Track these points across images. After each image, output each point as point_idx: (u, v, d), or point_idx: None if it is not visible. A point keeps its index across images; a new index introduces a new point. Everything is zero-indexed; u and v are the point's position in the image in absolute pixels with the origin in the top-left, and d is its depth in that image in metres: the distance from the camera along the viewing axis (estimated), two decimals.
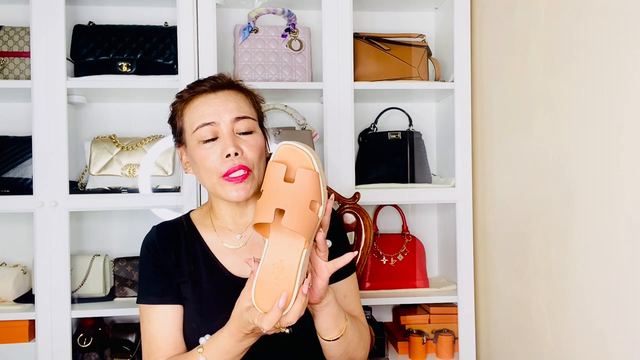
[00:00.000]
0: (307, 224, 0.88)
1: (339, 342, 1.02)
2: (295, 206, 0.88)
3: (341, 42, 1.64)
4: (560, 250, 1.25)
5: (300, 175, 0.89)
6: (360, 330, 1.09)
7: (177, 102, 1.12)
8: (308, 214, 0.88)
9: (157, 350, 1.06)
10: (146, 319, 1.08)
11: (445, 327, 1.78)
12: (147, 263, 1.11)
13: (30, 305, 1.60)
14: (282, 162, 0.91)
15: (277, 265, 0.89)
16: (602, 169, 1.10)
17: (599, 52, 1.11)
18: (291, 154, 0.91)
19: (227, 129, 1.04)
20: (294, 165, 0.90)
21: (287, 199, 0.88)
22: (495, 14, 1.57)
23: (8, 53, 1.61)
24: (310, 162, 0.91)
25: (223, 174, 1.03)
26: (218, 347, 0.96)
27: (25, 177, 1.62)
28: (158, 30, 1.69)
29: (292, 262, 0.89)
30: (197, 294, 1.07)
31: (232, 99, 1.07)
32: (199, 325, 1.05)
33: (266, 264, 0.90)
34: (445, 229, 1.91)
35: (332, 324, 1.00)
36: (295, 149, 0.91)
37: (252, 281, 0.89)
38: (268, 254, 0.90)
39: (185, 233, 1.13)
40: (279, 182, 0.89)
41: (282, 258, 0.90)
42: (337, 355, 1.05)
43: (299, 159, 0.91)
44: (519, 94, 1.43)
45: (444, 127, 1.88)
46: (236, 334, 0.93)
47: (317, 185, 0.90)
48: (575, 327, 1.20)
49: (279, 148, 0.92)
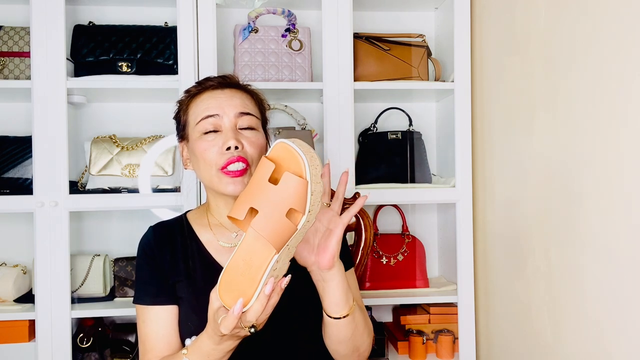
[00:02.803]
0: (278, 232, 0.83)
1: (347, 320, 1.01)
2: (270, 210, 0.83)
3: (341, 42, 1.64)
4: (561, 250, 1.25)
5: (285, 180, 0.83)
6: (365, 317, 1.09)
7: (184, 97, 1.14)
8: (282, 221, 0.83)
9: (151, 350, 1.06)
10: (141, 319, 1.09)
11: (445, 327, 1.78)
12: (143, 264, 1.12)
13: (30, 305, 1.60)
14: (273, 160, 0.85)
15: (246, 262, 0.86)
16: (602, 169, 1.10)
17: (599, 52, 1.11)
18: (285, 155, 0.85)
19: (230, 123, 1.06)
20: (283, 166, 0.85)
21: (264, 200, 0.84)
22: (495, 14, 1.57)
23: (8, 53, 1.61)
24: (303, 168, 0.84)
25: (221, 166, 1.03)
26: (199, 349, 0.96)
27: (25, 177, 1.62)
28: (158, 30, 1.69)
29: (260, 264, 0.85)
30: (193, 293, 1.08)
31: (237, 96, 1.09)
32: (195, 325, 1.05)
33: (236, 258, 0.87)
34: (445, 229, 1.91)
35: (343, 298, 0.99)
36: (292, 150, 0.85)
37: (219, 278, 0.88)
38: (240, 249, 0.87)
39: (181, 232, 1.14)
40: (262, 181, 0.85)
41: (252, 257, 0.86)
42: (346, 339, 1.03)
43: (291, 162, 0.84)
44: (519, 94, 1.43)
45: (444, 127, 1.88)
46: (213, 336, 0.93)
47: (302, 193, 0.83)
48: (575, 327, 1.20)
49: (276, 145, 0.87)
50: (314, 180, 0.84)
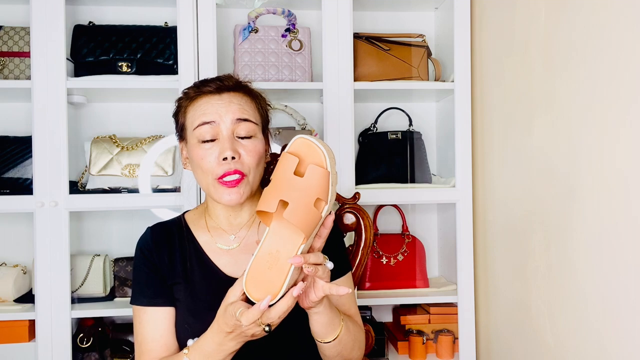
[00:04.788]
0: (308, 221, 0.88)
1: (333, 344, 1.02)
2: (300, 201, 0.88)
3: (341, 42, 1.64)
4: (560, 250, 1.25)
5: (310, 171, 0.89)
6: (355, 334, 1.09)
7: (182, 99, 1.12)
8: (312, 211, 0.88)
9: (148, 352, 1.06)
10: (138, 320, 1.09)
11: (445, 327, 1.78)
12: (141, 265, 1.11)
13: (30, 305, 1.60)
14: (296, 155, 0.90)
15: (273, 255, 0.89)
16: (602, 169, 1.10)
17: (599, 51, 1.11)
18: (306, 149, 0.91)
19: (227, 130, 1.04)
20: (306, 160, 0.90)
21: (294, 192, 0.88)
22: (495, 14, 1.57)
23: (8, 53, 1.62)
24: (324, 159, 0.90)
25: (218, 176, 1.03)
26: (201, 349, 0.96)
27: (25, 177, 1.62)
28: (158, 30, 1.69)
29: (288, 255, 0.89)
30: (190, 295, 1.08)
31: (235, 101, 1.07)
32: (191, 326, 1.05)
33: (263, 251, 0.90)
34: (445, 229, 1.91)
35: (325, 329, 1.00)
36: (311, 144, 0.91)
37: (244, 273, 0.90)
38: (266, 242, 0.91)
39: (179, 234, 1.14)
40: (288, 175, 0.89)
41: (278, 249, 0.90)
42: (332, 356, 1.06)
43: (313, 154, 0.91)
44: (519, 94, 1.43)
45: (444, 127, 1.88)
46: (217, 334, 0.93)
47: (325, 184, 0.89)
48: (575, 327, 1.20)
49: (296, 141, 0.92)
50: (332, 171, 0.91)
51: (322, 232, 0.94)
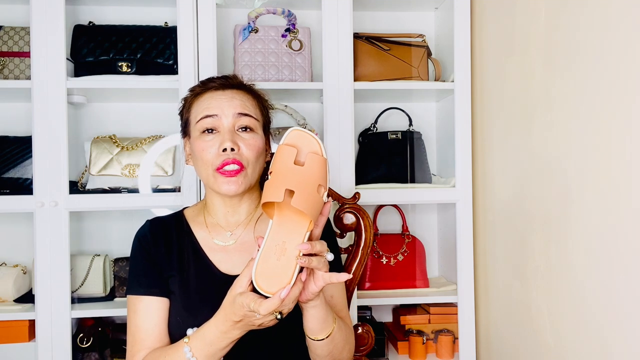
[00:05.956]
0: (314, 206, 0.92)
1: (325, 342, 1.03)
2: (304, 188, 0.91)
3: (341, 42, 1.64)
4: (560, 250, 1.25)
5: (310, 159, 0.94)
6: (346, 334, 1.10)
7: (188, 96, 1.16)
8: (316, 196, 0.92)
9: (140, 341, 1.07)
10: (133, 309, 1.09)
11: (445, 327, 1.78)
12: (138, 255, 1.13)
13: (30, 305, 1.60)
14: (293, 145, 0.95)
15: (279, 246, 0.92)
16: (602, 169, 1.10)
17: (599, 51, 1.11)
18: (302, 139, 0.96)
19: (228, 124, 1.07)
20: (304, 149, 0.95)
21: (297, 180, 0.92)
22: (495, 14, 1.57)
23: (8, 53, 1.62)
24: (319, 148, 0.96)
25: (217, 167, 1.06)
26: (203, 338, 0.97)
27: (25, 177, 1.62)
28: (158, 30, 1.69)
29: (294, 244, 0.92)
30: (184, 289, 1.09)
31: (238, 97, 1.10)
32: (184, 320, 1.06)
33: (269, 244, 0.93)
34: (445, 229, 1.91)
35: (319, 325, 1.01)
36: (306, 134, 0.96)
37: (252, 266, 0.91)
38: (272, 235, 0.93)
39: (177, 228, 1.15)
40: (289, 165, 0.93)
41: (284, 240, 0.92)
42: (323, 355, 1.06)
43: (309, 144, 0.96)
44: (519, 94, 1.43)
45: (444, 127, 1.88)
46: (224, 322, 0.94)
47: (324, 170, 0.95)
48: (575, 327, 1.20)
49: (290, 133, 0.96)
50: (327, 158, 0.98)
51: (320, 221, 0.96)
